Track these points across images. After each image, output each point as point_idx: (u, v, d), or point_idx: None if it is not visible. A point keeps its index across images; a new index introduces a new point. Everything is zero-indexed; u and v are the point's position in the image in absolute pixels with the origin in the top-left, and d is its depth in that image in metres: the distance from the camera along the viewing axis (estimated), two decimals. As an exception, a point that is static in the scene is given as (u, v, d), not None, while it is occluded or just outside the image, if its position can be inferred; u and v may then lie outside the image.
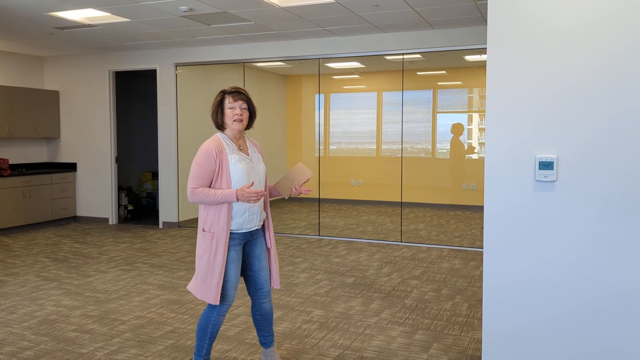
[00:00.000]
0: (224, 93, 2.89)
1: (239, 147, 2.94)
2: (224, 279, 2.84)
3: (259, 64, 8.95)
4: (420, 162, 8.84)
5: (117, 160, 8.94)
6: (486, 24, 6.19)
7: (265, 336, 3.11)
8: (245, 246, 2.97)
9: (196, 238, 6.84)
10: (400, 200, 8.03)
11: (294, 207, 9.92)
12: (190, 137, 8.31)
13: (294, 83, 10.34)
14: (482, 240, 7.06)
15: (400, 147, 7.66)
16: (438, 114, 9.29)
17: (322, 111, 9.74)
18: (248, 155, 2.95)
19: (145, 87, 10.30)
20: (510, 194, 2.68)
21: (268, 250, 3.04)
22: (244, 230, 2.88)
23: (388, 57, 7.66)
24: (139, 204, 9.82)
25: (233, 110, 2.86)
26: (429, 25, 6.21)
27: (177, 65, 8.00)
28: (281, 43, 7.26)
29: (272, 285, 3.04)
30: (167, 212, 8.14)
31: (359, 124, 9.55)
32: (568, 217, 2.58)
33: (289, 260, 5.95)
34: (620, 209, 2.49)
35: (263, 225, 3.03)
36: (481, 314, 4.18)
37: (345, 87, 9.85)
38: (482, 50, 7.10)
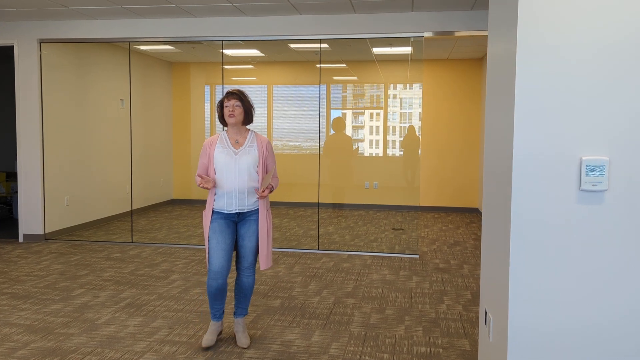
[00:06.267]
0: (224, 95, 3.40)
1: (235, 141, 3.40)
2: (208, 247, 3.37)
3: (142, 47, 7.71)
4: (317, 159, 8.20)
5: (-40, 158, 7.18)
6: (413, 10, 5.66)
7: (237, 306, 3.53)
8: (237, 225, 3.41)
9: (68, 254, 5.95)
10: (314, 202, 7.33)
11: (184, 212, 8.79)
12: (60, 131, 6.86)
13: (181, 71, 9.18)
14: (401, 245, 6.57)
15: (318, 144, 6.93)
16: (332, 110, 8.77)
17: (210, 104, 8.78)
18: (237, 149, 3.37)
19: (-3, 69, 8.51)
20: (546, 207, 2.04)
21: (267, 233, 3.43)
22: (225, 211, 3.36)
23: (292, 46, 6.89)
24: (-10, 212, 8.06)
25: (227, 108, 3.36)
26: (352, 7, 5.54)
27: (41, 42, 6.52)
28: (176, 21, 6.15)
29: (260, 266, 3.45)
30: (29, 221, 6.62)
31: (257, 119, 8.67)
32: (622, 236, 2.00)
33: (196, 280, 4.94)
34: (691, 227, 1.96)
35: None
36: (442, 341, 3.58)
37: (237, 77, 8.93)
38: (396, 41, 6.60)
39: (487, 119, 2.69)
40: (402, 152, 8.70)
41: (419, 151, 8.95)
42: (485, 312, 2.66)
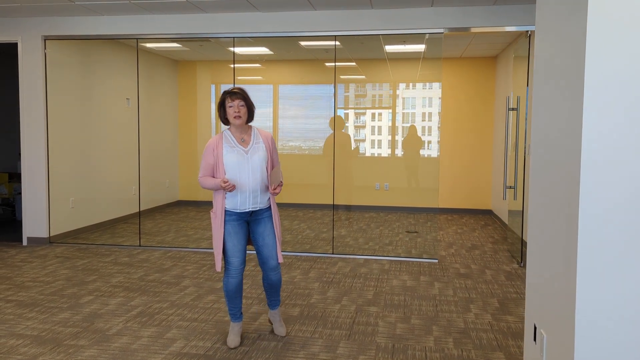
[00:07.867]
0: (224, 94, 3.30)
1: (241, 139, 3.36)
2: (224, 249, 3.36)
3: (148, 45, 7.50)
4: (331, 160, 7.98)
5: (-38, 159, 6.98)
6: (433, 5, 5.45)
7: (271, 300, 3.60)
8: (250, 224, 3.43)
9: (74, 258, 5.70)
10: (331, 203, 7.11)
11: (190, 213, 8.58)
12: (65, 130, 6.65)
13: (187, 70, 8.97)
14: (417, 249, 6.36)
15: (333, 144, 6.72)
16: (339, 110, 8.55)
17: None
18: (246, 147, 3.33)
19: (2, 66, 8.30)
20: (620, 211, 1.83)
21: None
22: (238, 210, 3.34)
23: (303, 43, 6.68)
24: (-8, 214, 7.86)
25: (232, 108, 3.29)
26: (369, 2, 5.33)
27: (46, 39, 6.32)
28: (186, 16, 5.95)
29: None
30: (33, 224, 6.42)
31: (260, 119, 8.46)
32: None
33: (209, 286, 4.73)
34: None
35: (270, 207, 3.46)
36: (475, 354, 3.37)
37: (245, 77, 8.72)
38: (410, 38, 6.40)
39: (537, 113, 2.48)
40: (408, 153, 8.48)
41: (421, 151, 8.72)
42: (535, 328, 2.45)
